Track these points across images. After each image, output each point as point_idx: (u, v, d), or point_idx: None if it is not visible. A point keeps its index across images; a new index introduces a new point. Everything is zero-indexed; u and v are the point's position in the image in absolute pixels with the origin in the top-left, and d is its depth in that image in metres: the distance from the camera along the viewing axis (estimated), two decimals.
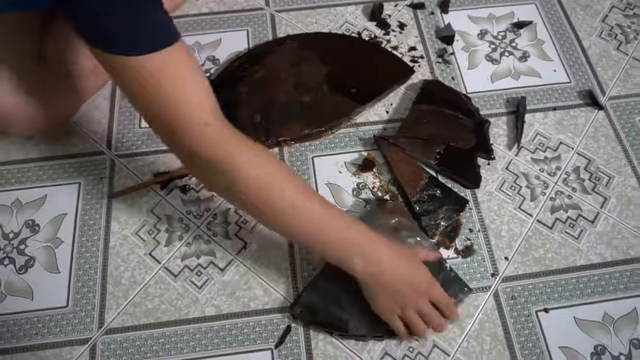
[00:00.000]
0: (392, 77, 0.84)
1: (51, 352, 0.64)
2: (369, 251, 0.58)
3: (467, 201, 0.73)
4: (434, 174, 0.75)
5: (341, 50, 0.86)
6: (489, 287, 0.68)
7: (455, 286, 0.66)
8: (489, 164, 0.77)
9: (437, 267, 0.66)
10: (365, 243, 0.58)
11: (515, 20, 0.92)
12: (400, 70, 0.85)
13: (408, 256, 0.61)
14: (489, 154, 0.77)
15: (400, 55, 0.87)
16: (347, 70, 0.83)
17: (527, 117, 0.81)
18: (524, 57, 0.88)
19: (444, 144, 0.76)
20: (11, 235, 0.72)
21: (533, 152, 0.78)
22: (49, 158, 0.78)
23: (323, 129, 0.78)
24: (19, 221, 0.73)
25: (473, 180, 0.75)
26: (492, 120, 0.80)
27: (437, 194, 0.73)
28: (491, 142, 0.78)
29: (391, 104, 0.83)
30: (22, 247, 0.71)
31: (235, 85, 0.82)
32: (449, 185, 0.75)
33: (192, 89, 0.52)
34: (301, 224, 0.57)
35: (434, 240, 0.70)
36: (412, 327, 0.61)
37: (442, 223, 0.71)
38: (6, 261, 0.70)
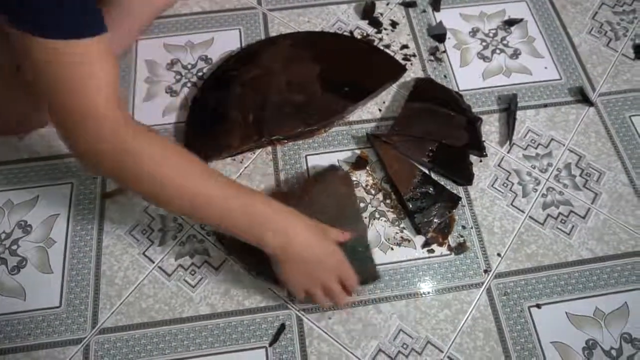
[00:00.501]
0: (385, 75, 0.84)
1: (44, 353, 0.64)
2: (280, 225, 0.58)
3: (459, 198, 0.73)
4: (427, 172, 0.76)
5: (334, 49, 0.87)
6: (482, 284, 0.69)
7: (366, 271, 0.67)
8: (481, 161, 0.78)
9: (357, 248, 0.67)
10: (276, 216, 0.59)
11: (506, 17, 0.92)
12: (393, 69, 0.85)
13: (321, 232, 0.61)
14: (481, 151, 0.77)
15: (392, 54, 0.87)
16: (340, 69, 0.83)
17: (519, 114, 0.82)
18: (515, 54, 0.88)
19: (436, 142, 0.77)
20: (3, 236, 0.71)
21: (525, 149, 0.79)
22: (40, 158, 0.77)
23: (316, 127, 0.79)
24: (11, 222, 0.72)
25: (465, 177, 0.75)
26: (484, 117, 0.81)
27: (430, 192, 0.73)
28: (483, 139, 0.79)
29: (384, 102, 0.83)
30: (14, 247, 0.70)
31: (228, 84, 0.81)
32: (442, 183, 0.75)
33: (103, 80, 0.52)
34: (204, 209, 0.57)
35: (427, 237, 0.71)
36: (315, 301, 0.62)
37: (435, 220, 0.71)
38: None
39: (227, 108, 0.79)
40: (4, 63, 0.69)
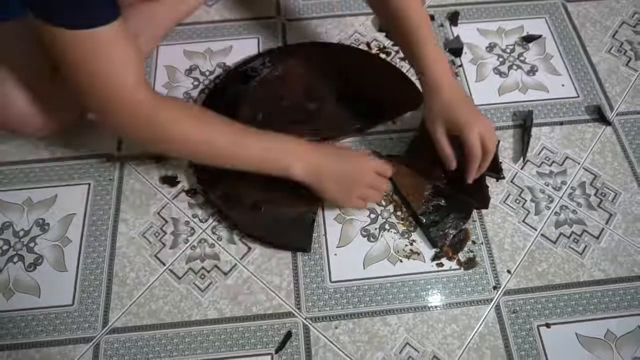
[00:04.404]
0: (403, 104, 0.82)
1: (56, 350, 0.65)
2: (302, 154, 0.67)
3: (471, 208, 0.73)
4: (438, 184, 0.75)
5: (361, 66, 0.86)
6: (491, 300, 0.68)
7: (302, 241, 0.72)
8: (497, 180, 0.77)
9: (304, 218, 0.72)
10: (296, 147, 0.67)
11: (524, 34, 0.92)
12: (411, 100, 0.82)
13: (343, 153, 0.71)
14: (498, 173, 0.76)
15: (408, 66, 0.88)
16: (360, 87, 0.83)
17: (534, 131, 0.81)
18: (532, 71, 0.88)
19: None
20: (21, 233, 0.73)
21: (539, 166, 0.78)
22: (60, 159, 0.79)
23: (318, 138, 0.78)
24: (29, 219, 0.74)
25: (481, 200, 0.74)
26: (498, 133, 0.81)
27: (441, 204, 0.73)
28: (500, 160, 0.78)
29: None
30: (31, 245, 0.72)
31: (249, 79, 0.83)
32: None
33: (125, 61, 0.57)
34: (239, 155, 0.66)
35: (442, 249, 0.71)
36: (369, 200, 0.72)
37: (451, 232, 0.71)
38: (15, 258, 0.71)
39: (240, 102, 0.81)
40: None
